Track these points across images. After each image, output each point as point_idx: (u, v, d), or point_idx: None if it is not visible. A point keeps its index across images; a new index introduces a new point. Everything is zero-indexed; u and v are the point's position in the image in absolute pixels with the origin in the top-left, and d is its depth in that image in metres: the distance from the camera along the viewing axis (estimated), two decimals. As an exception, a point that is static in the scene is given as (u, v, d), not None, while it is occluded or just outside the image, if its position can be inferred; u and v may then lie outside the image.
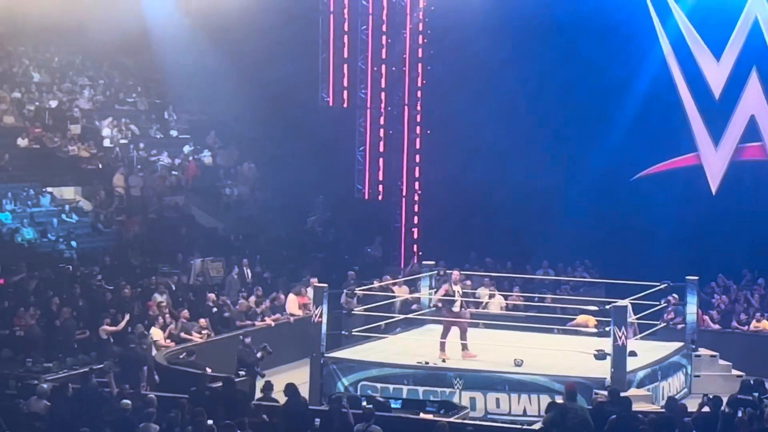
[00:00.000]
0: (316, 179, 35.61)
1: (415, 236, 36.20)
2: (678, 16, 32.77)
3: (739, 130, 32.43)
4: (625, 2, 33.24)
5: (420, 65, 36.12)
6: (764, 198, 31.93)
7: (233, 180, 36.33)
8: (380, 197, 36.51)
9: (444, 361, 23.43)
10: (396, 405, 20.82)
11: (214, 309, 27.03)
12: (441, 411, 20.66)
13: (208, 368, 22.67)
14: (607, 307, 22.95)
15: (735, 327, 28.22)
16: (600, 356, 22.56)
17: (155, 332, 24.60)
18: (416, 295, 28.11)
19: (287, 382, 19.49)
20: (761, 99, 32.17)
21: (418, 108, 36.21)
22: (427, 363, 23.27)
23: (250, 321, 27.34)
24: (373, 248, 35.17)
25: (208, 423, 17.21)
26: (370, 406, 18.60)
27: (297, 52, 34.79)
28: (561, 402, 18.65)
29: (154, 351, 23.80)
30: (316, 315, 23.41)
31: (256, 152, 37.13)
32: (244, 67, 35.07)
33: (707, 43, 32.56)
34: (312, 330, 23.58)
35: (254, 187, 36.38)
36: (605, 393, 20.10)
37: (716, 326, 28.31)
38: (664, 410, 19.14)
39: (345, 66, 35.83)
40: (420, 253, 35.25)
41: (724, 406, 19.06)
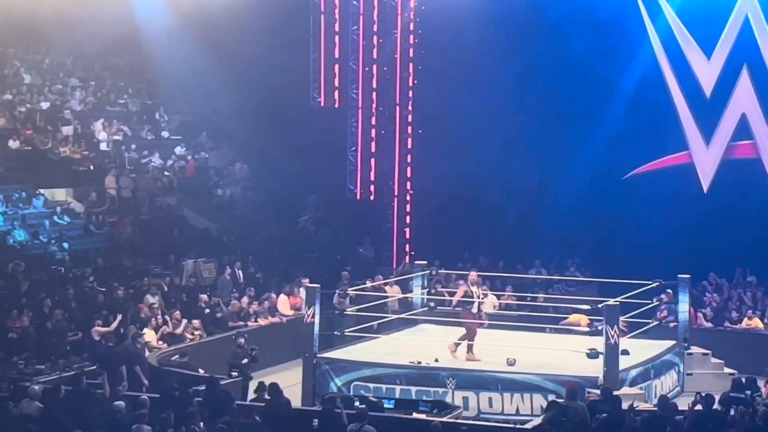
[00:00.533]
0: (308, 179, 35.62)
1: (407, 236, 36.18)
2: (668, 14, 32.77)
3: (731, 129, 32.44)
4: (616, 0, 33.27)
5: (411, 65, 36.11)
6: (755, 196, 31.91)
7: (225, 180, 36.28)
8: (372, 197, 36.44)
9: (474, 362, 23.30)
10: (389, 405, 20.84)
11: (207, 310, 27.05)
12: (434, 411, 20.68)
13: (201, 369, 22.72)
14: (600, 306, 22.99)
15: (727, 325, 28.29)
16: (592, 355, 22.59)
17: (148, 333, 24.63)
18: (408, 295, 28.09)
19: (270, 382, 19.56)
20: (752, 97, 32.16)
21: (410, 108, 36.19)
22: (420, 363, 23.28)
23: (243, 322, 27.37)
24: (365, 248, 35.15)
25: (200, 425, 17.23)
26: (363, 407, 18.62)
27: (288, 53, 34.72)
28: (561, 401, 18.65)
29: (147, 352, 23.82)
30: (309, 315, 23.42)
31: (248, 153, 37.10)
32: (236, 68, 35.03)
33: (698, 41, 32.57)
34: (304, 330, 23.58)
35: (246, 188, 36.32)
36: (598, 392, 20.13)
37: (708, 324, 28.37)
38: (657, 408, 19.17)
39: (336, 66, 35.78)
40: (412, 253, 35.22)
41: (717, 404, 19.11)
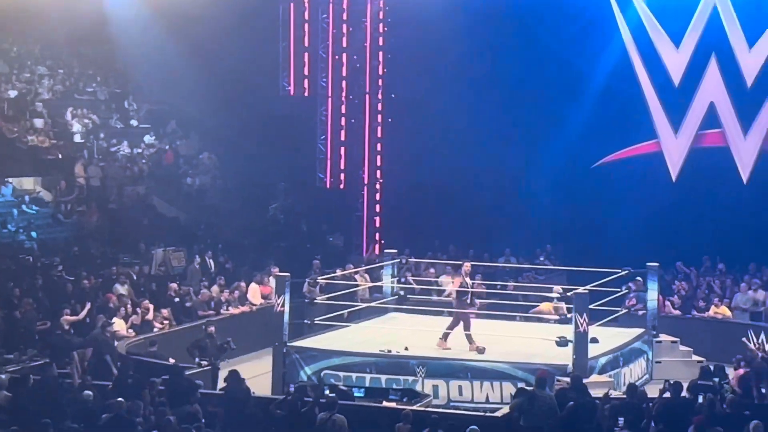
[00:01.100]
0: (278, 168, 35.58)
1: (377, 225, 36.18)
2: (638, 4, 32.81)
3: (699, 117, 32.51)
4: (586, -11, 33.38)
5: (381, 54, 36.01)
6: (724, 184, 32.04)
7: (194, 169, 36.18)
8: (342, 186, 36.43)
9: (479, 352, 23.17)
10: (359, 393, 20.87)
11: (176, 299, 26.98)
12: (404, 399, 20.69)
13: (171, 359, 22.68)
14: (569, 294, 23.05)
15: (695, 313, 28.42)
16: (562, 343, 22.66)
17: (117, 323, 24.56)
18: (378, 284, 28.10)
19: (230, 369, 19.59)
20: (720, 86, 32.23)
21: (380, 96, 36.12)
22: (390, 351, 23.29)
23: (213, 311, 27.32)
24: (335, 237, 35.12)
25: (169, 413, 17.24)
26: (333, 395, 18.62)
27: (257, 41, 34.68)
28: (530, 389, 18.69)
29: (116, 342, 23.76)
30: (279, 304, 23.38)
31: (217, 141, 36.97)
32: (204, 56, 34.91)
33: (666, 31, 32.61)
34: (274, 319, 23.54)
35: (215, 177, 36.23)
36: (567, 380, 20.20)
37: (677, 312, 28.47)
38: (625, 396, 19.26)
39: (306, 54, 35.75)
40: (382, 242, 35.23)
41: (685, 392, 19.23)
